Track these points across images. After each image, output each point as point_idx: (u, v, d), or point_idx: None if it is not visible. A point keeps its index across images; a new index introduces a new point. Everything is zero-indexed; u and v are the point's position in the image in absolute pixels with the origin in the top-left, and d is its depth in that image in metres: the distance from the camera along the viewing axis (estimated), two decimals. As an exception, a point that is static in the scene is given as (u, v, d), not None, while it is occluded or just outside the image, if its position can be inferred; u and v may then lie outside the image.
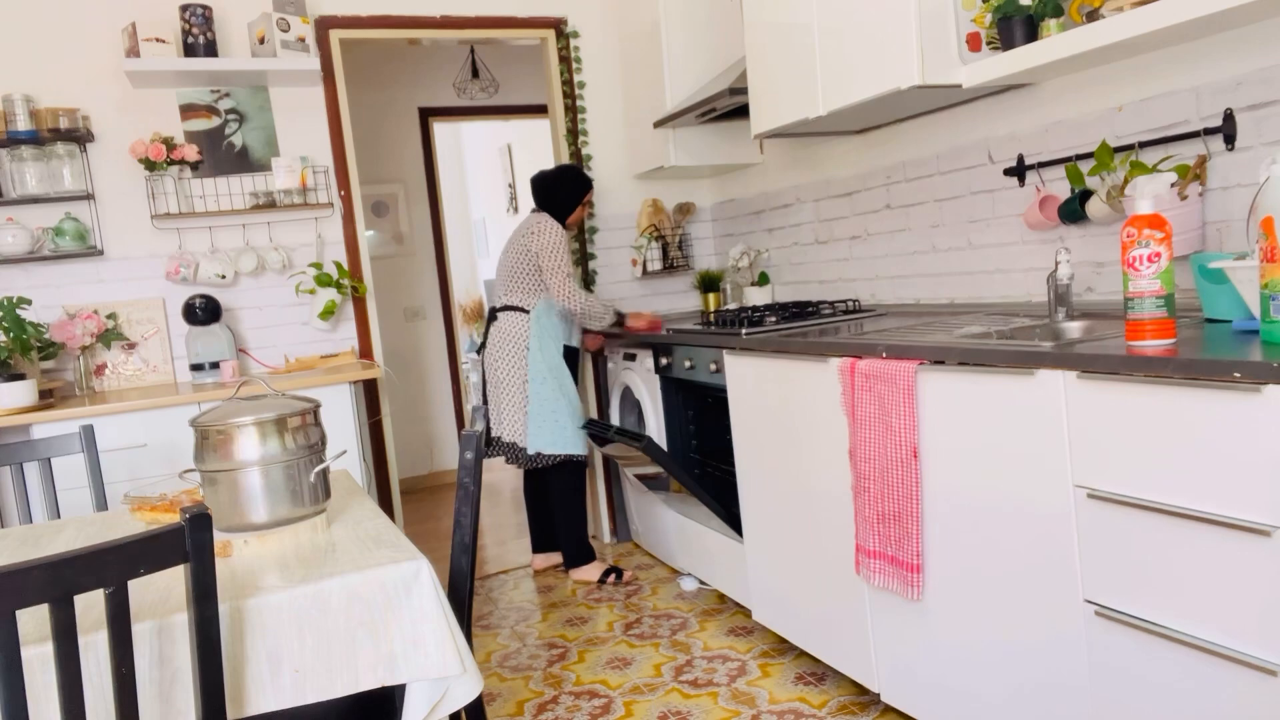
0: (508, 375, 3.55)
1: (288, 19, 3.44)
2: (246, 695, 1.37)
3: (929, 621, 2.14)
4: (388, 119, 5.62)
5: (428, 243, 5.77)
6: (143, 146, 3.36)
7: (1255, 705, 1.44)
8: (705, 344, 3.02)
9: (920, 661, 2.19)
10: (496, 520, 4.85)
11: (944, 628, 2.09)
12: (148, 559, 1.16)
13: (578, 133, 4.09)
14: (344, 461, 3.23)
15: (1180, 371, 1.48)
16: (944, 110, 2.87)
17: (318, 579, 1.44)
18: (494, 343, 3.59)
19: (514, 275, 3.57)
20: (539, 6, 4.00)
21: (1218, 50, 2.05)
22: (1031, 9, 2.25)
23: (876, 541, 2.21)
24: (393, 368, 5.53)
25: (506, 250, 3.62)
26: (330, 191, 3.70)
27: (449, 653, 1.47)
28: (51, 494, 2.39)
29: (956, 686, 2.09)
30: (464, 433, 1.83)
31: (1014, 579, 1.88)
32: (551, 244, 3.48)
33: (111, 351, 3.43)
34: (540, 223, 3.52)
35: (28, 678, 1.17)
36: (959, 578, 2.03)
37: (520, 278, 3.56)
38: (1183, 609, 1.54)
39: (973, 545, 1.98)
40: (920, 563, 2.11)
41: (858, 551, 2.27)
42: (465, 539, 1.84)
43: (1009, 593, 1.90)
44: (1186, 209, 2.07)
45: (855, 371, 2.20)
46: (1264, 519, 1.40)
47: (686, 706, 2.58)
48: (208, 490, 1.67)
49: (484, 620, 3.40)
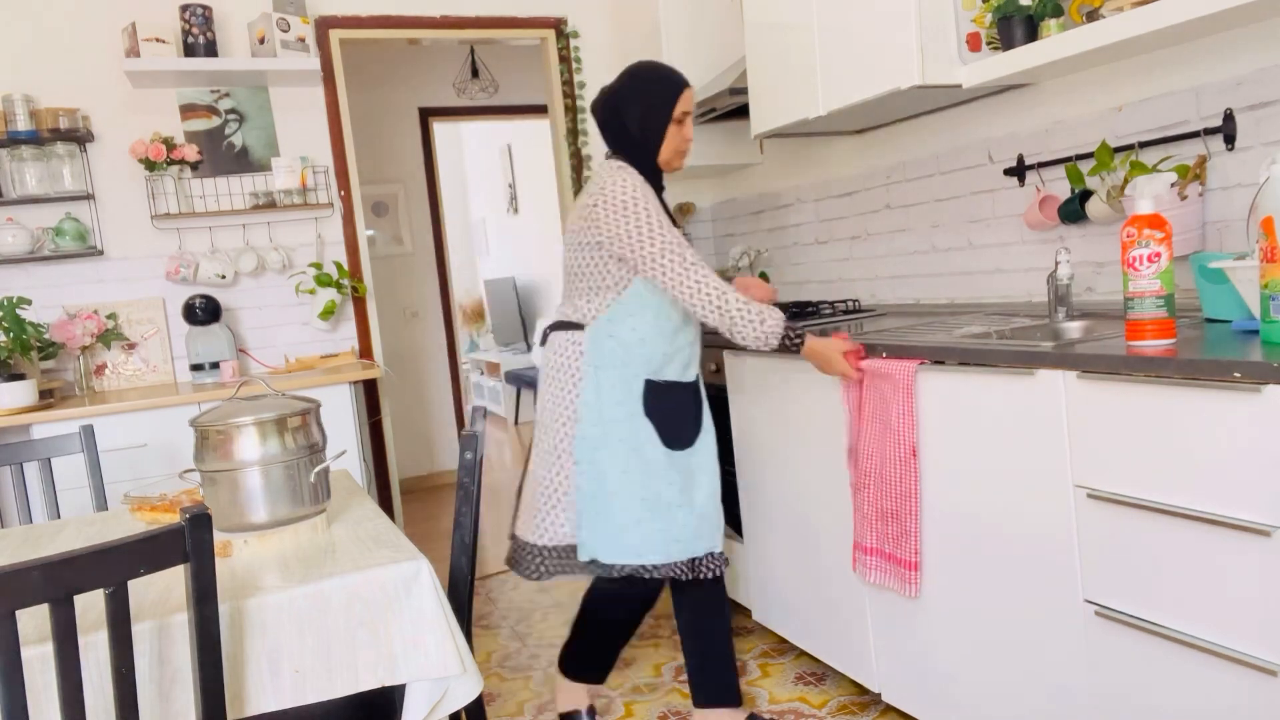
0: (546, 428, 2.24)
1: (288, 19, 3.44)
2: (246, 695, 1.37)
3: (929, 621, 2.14)
4: (388, 119, 5.62)
5: (428, 243, 5.77)
6: (143, 146, 3.36)
7: (1255, 705, 1.44)
8: (705, 344, 3.02)
9: (920, 661, 2.19)
10: (496, 520, 4.85)
11: (944, 628, 2.09)
12: (148, 559, 1.16)
13: (578, 133, 4.09)
14: (344, 461, 3.23)
15: (1180, 371, 1.48)
16: (944, 110, 2.87)
17: (318, 579, 1.44)
18: (541, 382, 2.29)
19: (569, 272, 2.24)
20: (539, 6, 4.00)
21: (1218, 50, 2.05)
22: (1031, 9, 2.25)
23: (874, 539, 2.21)
24: (393, 368, 5.53)
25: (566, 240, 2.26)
26: (330, 191, 3.70)
27: (449, 653, 1.47)
28: (51, 494, 2.39)
29: (956, 686, 2.09)
30: (464, 433, 1.83)
31: (1013, 579, 1.88)
32: (618, 215, 2.06)
33: (111, 351, 3.43)
34: (598, 184, 2.14)
35: (28, 678, 1.17)
36: (958, 577, 2.03)
37: (576, 274, 2.20)
38: (1183, 609, 1.54)
39: (972, 545, 1.98)
40: (918, 560, 2.11)
41: (855, 549, 2.27)
42: (465, 539, 1.84)
43: (1008, 592, 1.90)
44: (1186, 209, 2.07)
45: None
46: (1264, 519, 1.40)
47: (686, 706, 2.58)
48: (208, 490, 1.67)
49: (484, 620, 3.40)
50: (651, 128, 2.16)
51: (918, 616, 2.17)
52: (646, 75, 2.18)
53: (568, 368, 2.18)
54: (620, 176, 2.10)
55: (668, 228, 2.06)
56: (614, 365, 2.14)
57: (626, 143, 2.18)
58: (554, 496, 2.18)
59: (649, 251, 2.04)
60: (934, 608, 2.11)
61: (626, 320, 2.13)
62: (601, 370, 2.14)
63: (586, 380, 2.15)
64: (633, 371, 2.14)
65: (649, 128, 2.16)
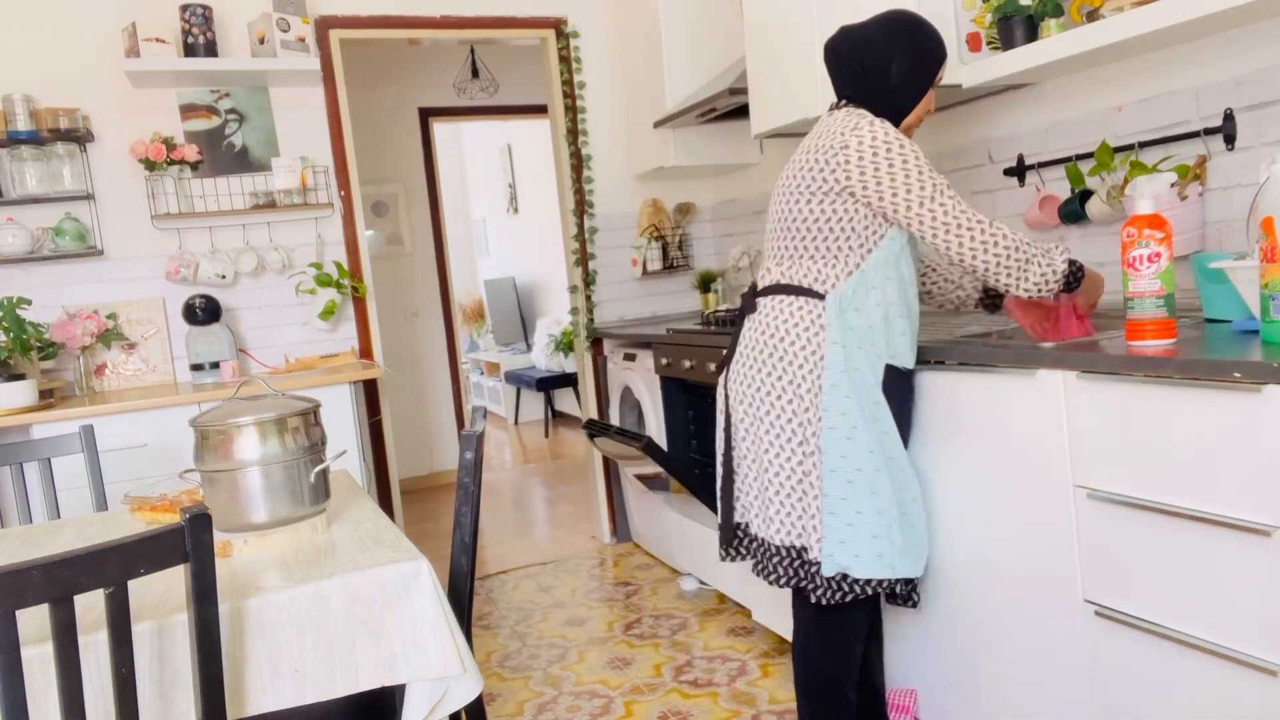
0: (772, 415, 1.93)
1: (288, 19, 3.44)
2: (246, 695, 1.37)
3: (928, 621, 2.14)
4: (388, 119, 5.62)
5: (428, 243, 5.77)
6: (143, 146, 3.36)
7: (1255, 705, 1.44)
8: (705, 344, 3.02)
9: (920, 661, 2.19)
10: (496, 520, 4.85)
11: (943, 627, 2.09)
12: (148, 559, 1.16)
13: (578, 133, 4.09)
14: (344, 461, 3.23)
15: (1180, 371, 1.48)
16: (944, 110, 2.87)
17: (318, 579, 1.44)
18: (748, 354, 1.99)
19: (793, 231, 1.92)
20: (539, 6, 4.00)
21: (1218, 50, 2.05)
22: (1031, 9, 2.25)
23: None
24: (393, 368, 5.53)
25: (781, 190, 1.97)
26: (330, 191, 3.70)
27: (449, 653, 1.47)
28: (51, 494, 2.39)
29: (956, 686, 2.09)
30: (464, 433, 1.83)
31: (1013, 579, 1.88)
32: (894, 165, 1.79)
33: (111, 351, 3.43)
34: (849, 129, 1.84)
35: (28, 678, 1.17)
36: (957, 577, 2.03)
37: (803, 230, 1.90)
38: (1183, 609, 1.54)
39: (972, 545, 1.97)
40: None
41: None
42: (465, 539, 1.84)
43: (1008, 592, 1.90)
44: (1186, 209, 2.07)
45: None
46: (1264, 519, 1.40)
47: (686, 707, 2.58)
48: (208, 490, 1.67)
49: (484, 620, 3.40)
50: (917, 82, 1.91)
51: (916, 616, 2.17)
52: (921, 28, 1.91)
53: (803, 340, 1.87)
54: (876, 122, 1.83)
55: (943, 183, 1.80)
56: (861, 345, 1.86)
57: (878, 91, 1.90)
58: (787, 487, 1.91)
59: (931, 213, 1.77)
60: (934, 608, 2.11)
61: (871, 293, 1.86)
62: (850, 350, 1.85)
63: (832, 360, 1.84)
64: (877, 353, 1.87)
65: (914, 81, 1.90)
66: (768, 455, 1.94)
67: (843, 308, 1.86)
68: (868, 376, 1.87)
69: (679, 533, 3.54)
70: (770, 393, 1.92)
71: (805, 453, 1.89)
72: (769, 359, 1.92)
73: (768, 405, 1.93)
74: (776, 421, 1.92)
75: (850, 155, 1.80)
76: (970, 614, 2.01)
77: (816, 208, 1.86)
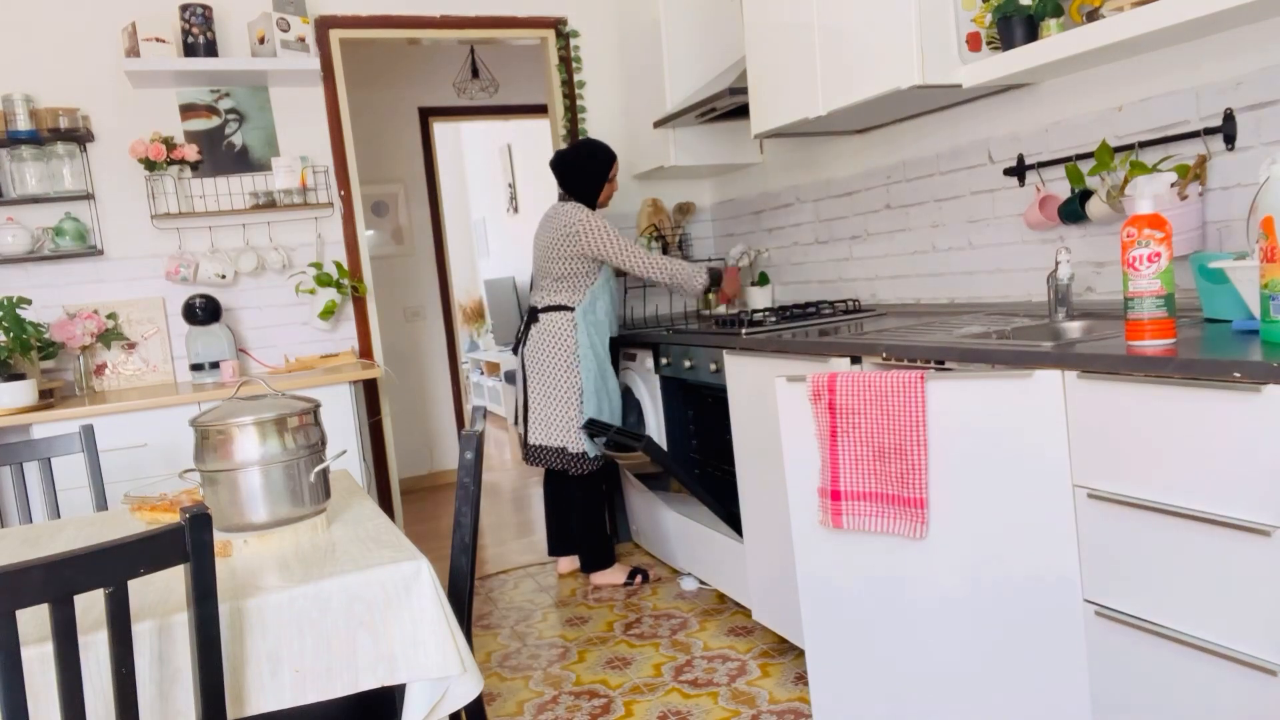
0: (555, 377, 3.41)
1: (288, 19, 3.44)
2: (246, 695, 1.37)
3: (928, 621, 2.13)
4: (388, 119, 5.62)
5: (428, 243, 5.77)
6: (143, 146, 3.36)
7: (1255, 705, 1.44)
8: (705, 344, 3.02)
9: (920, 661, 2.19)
10: (496, 520, 4.85)
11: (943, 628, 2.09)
12: (148, 559, 1.16)
13: (578, 133, 4.09)
14: (344, 461, 3.23)
15: (1180, 371, 1.48)
16: (944, 110, 2.87)
17: (318, 579, 1.44)
18: (537, 344, 3.45)
19: (552, 274, 3.41)
20: (539, 6, 4.00)
21: (1218, 50, 2.05)
22: (1031, 9, 2.25)
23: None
24: (393, 368, 5.53)
25: (540, 246, 3.45)
26: (330, 191, 3.70)
27: (449, 653, 1.47)
28: (51, 494, 2.39)
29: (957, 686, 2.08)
30: (464, 433, 1.83)
31: (1013, 579, 1.88)
32: (602, 238, 3.30)
33: (111, 351, 3.43)
34: (576, 220, 3.33)
35: (28, 678, 1.17)
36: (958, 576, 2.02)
37: (561, 276, 3.40)
38: (1183, 609, 1.55)
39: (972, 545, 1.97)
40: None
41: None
42: (465, 539, 1.84)
43: (1008, 592, 1.90)
44: (1186, 209, 2.07)
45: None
46: (1264, 519, 1.40)
47: (686, 706, 2.58)
48: (208, 490, 1.67)
49: (484, 620, 3.40)
50: (595, 185, 3.45)
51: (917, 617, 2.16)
52: (593, 148, 3.44)
53: (566, 336, 3.42)
54: (588, 217, 3.35)
55: (627, 240, 3.37)
56: (596, 331, 3.44)
57: (578, 190, 3.45)
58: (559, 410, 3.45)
59: (625, 255, 3.36)
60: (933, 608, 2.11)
61: (597, 303, 3.45)
62: (590, 335, 3.43)
63: (583, 341, 3.42)
64: (600, 334, 3.46)
65: (595, 185, 3.45)
66: (554, 400, 3.45)
67: (584, 314, 3.42)
68: (599, 347, 3.44)
69: (679, 532, 3.54)
70: (553, 365, 3.44)
71: (574, 394, 3.43)
72: (551, 347, 3.44)
73: (553, 372, 3.44)
74: (556, 380, 3.44)
75: (586, 243, 3.33)
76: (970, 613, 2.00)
77: (567, 264, 3.39)
